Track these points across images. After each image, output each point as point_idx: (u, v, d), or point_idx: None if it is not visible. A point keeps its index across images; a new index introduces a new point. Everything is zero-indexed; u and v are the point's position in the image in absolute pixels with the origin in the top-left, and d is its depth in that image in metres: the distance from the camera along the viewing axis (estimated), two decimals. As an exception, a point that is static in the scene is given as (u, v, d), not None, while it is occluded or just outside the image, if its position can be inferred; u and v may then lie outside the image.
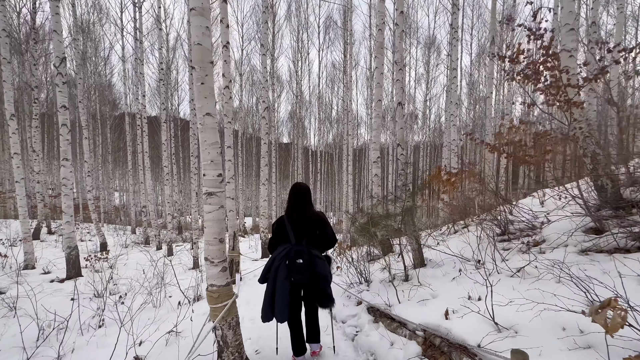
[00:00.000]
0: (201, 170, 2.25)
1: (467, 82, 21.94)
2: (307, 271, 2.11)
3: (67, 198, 6.29)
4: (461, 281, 2.76)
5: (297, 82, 18.50)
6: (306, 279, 2.13)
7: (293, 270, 2.12)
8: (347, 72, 14.58)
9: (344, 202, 14.19)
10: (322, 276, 2.16)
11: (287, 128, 29.59)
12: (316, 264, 2.15)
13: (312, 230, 2.26)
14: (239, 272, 5.46)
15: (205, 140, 2.18)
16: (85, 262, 7.37)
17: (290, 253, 2.15)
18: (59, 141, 6.24)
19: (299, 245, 2.20)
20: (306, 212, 2.29)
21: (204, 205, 2.23)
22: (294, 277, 2.12)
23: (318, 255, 2.20)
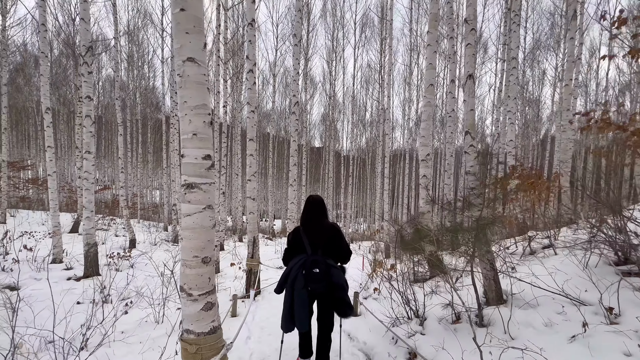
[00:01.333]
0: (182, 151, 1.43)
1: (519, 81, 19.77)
2: (324, 280, 2.09)
3: (88, 192, 5.95)
4: (590, 344, 1.68)
5: (331, 83, 17.75)
6: (323, 288, 2.11)
7: (310, 279, 2.09)
8: (384, 67, 13.52)
9: (378, 208, 13.04)
10: (338, 285, 2.13)
11: (319, 131, 28.97)
12: (332, 273, 2.12)
13: (327, 240, 2.24)
14: (255, 286, 4.66)
15: (186, 102, 1.36)
16: (109, 260, 7.07)
17: (307, 263, 2.12)
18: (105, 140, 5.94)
19: (315, 255, 2.17)
20: (321, 223, 2.30)
21: (181, 204, 1.40)
22: (311, 286, 2.09)
23: (334, 265, 2.19)
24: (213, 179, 1.44)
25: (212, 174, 1.43)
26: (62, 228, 11.74)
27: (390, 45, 9.83)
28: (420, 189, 4.54)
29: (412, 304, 2.92)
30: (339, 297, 2.14)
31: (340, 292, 2.14)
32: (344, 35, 16.94)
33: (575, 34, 5.72)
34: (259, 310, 3.93)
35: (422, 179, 4.53)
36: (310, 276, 2.08)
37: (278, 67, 17.24)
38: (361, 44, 16.85)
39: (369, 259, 5.72)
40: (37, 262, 6.35)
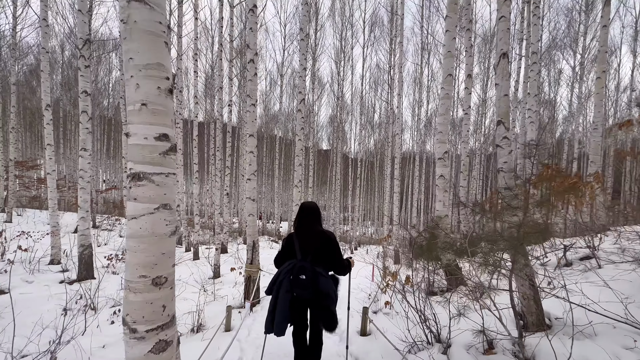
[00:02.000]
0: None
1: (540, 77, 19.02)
2: (310, 287, 2.04)
3: (83, 192, 5.67)
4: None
5: (339, 84, 17.35)
6: (309, 295, 2.06)
7: (296, 285, 2.06)
8: (394, 66, 13.07)
9: (387, 211, 12.53)
10: (324, 293, 2.07)
11: (327, 133, 28.61)
12: (319, 281, 2.07)
13: (318, 247, 2.19)
14: (253, 296, 4.25)
15: (132, 58, 0.96)
16: (108, 262, 6.79)
17: (295, 268, 2.10)
18: (115, 141, 5.67)
19: (303, 261, 2.12)
20: (313, 229, 2.26)
21: (127, 202, 0.99)
22: (296, 291, 2.07)
23: (322, 273, 2.12)
24: (172, 167, 1.04)
25: (170, 161, 1.03)
26: (67, 227, 11.62)
27: (401, 42, 9.38)
28: (437, 191, 4.08)
29: (432, 325, 2.46)
30: (324, 307, 2.09)
31: (327, 301, 2.09)
32: (352, 34, 16.57)
33: (608, 20, 5.18)
34: (256, 323, 3.52)
35: (439, 180, 4.07)
36: (296, 282, 2.05)
37: (285, 67, 16.97)
38: (370, 44, 16.45)
39: (378, 267, 5.25)
40: (32, 263, 6.10)
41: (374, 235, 27.36)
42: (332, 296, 2.11)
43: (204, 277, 6.27)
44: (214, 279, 6.40)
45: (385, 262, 8.83)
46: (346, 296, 2.73)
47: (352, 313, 3.61)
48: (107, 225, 13.04)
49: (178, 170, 10.67)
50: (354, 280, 5.80)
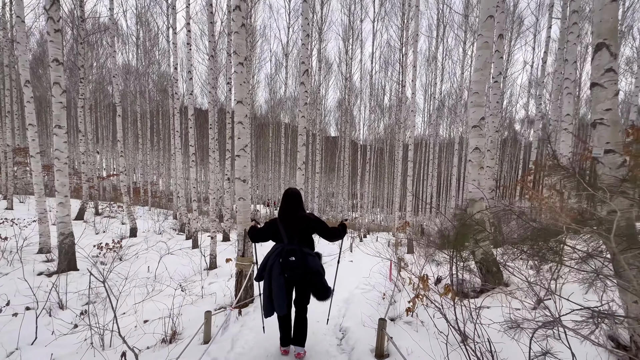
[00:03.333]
0: None
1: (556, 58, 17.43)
2: (300, 267, 2.15)
3: (60, 174, 5.01)
4: None
5: (347, 64, 16.22)
6: (299, 275, 2.16)
7: (286, 267, 2.14)
8: (407, 40, 11.95)
9: (398, 197, 11.67)
10: (314, 271, 2.19)
11: (335, 118, 27.53)
12: (308, 260, 2.19)
13: (303, 230, 2.27)
14: (241, 295, 3.55)
15: None
16: (98, 251, 6.23)
17: (284, 252, 2.17)
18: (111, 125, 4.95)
19: (291, 244, 2.21)
20: (296, 214, 2.31)
21: None
22: (287, 273, 2.15)
23: (309, 253, 2.24)
24: None
25: None
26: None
27: (417, 5, 8.25)
28: (471, 168, 3.22)
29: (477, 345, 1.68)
30: (317, 282, 2.21)
31: (318, 277, 2.21)
32: (362, 7, 15.28)
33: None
34: (245, 330, 2.81)
35: (473, 153, 3.20)
36: (287, 264, 2.14)
37: (291, 46, 15.89)
38: (380, 18, 15.16)
39: (396, 263, 4.46)
40: (13, 253, 5.57)
41: (383, 222, 26.59)
42: (320, 272, 2.23)
43: (198, 269, 5.64)
44: (209, 270, 5.77)
45: (398, 252, 8.07)
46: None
47: (364, 320, 2.86)
48: (109, 213, 12.64)
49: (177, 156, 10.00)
50: (363, 277, 5.07)
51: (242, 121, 3.50)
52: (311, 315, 3.22)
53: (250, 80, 15.72)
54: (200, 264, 5.82)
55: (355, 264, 6.47)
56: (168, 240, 8.71)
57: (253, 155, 24.28)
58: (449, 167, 23.76)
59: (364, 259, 6.94)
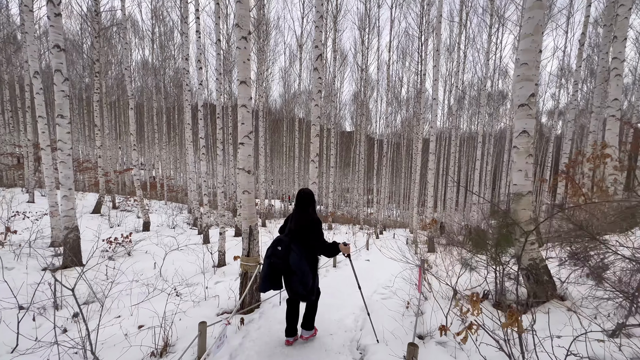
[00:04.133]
0: None
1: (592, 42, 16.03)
2: (281, 259, 2.32)
3: (63, 166, 4.80)
4: None
5: (363, 54, 15.53)
6: (282, 266, 2.32)
7: (273, 254, 2.36)
8: (425, 29, 11.17)
9: (417, 192, 11.00)
10: (293, 267, 2.28)
11: (350, 112, 26.86)
12: (289, 255, 2.31)
13: (300, 227, 2.42)
14: (248, 300, 3.16)
15: None
16: (108, 245, 6.06)
17: (277, 241, 2.42)
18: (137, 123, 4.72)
19: (286, 236, 2.43)
20: (302, 213, 2.48)
21: None
22: (272, 259, 2.35)
23: (294, 250, 2.32)
24: None
25: None
26: (84, 208, 11.32)
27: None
28: (516, 155, 2.66)
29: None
30: (293, 280, 2.31)
31: (295, 276, 2.30)
32: (380, -8, 14.51)
33: None
34: (247, 343, 2.41)
35: (519, 138, 2.65)
36: (274, 251, 2.37)
37: (305, 37, 15.36)
38: (398, 4, 14.35)
39: (427, 268, 3.95)
40: (22, 247, 5.45)
41: (399, 218, 25.81)
42: (298, 272, 2.28)
43: (205, 267, 5.33)
44: (217, 267, 5.45)
45: (418, 252, 7.51)
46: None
47: (386, 337, 2.39)
48: (125, 206, 12.72)
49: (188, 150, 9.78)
50: (383, 280, 4.58)
51: (246, 104, 3.07)
52: (324, 326, 2.78)
53: (264, 73, 15.35)
54: (209, 261, 5.51)
55: (372, 263, 5.99)
56: (179, 235, 8.52)
57: (268, 150, 24.08)
58: (469, 162, 22.64)
59: (381, 258, 6.44)
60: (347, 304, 3.37)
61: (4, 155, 14.10)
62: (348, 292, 3.69)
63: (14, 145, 14.93)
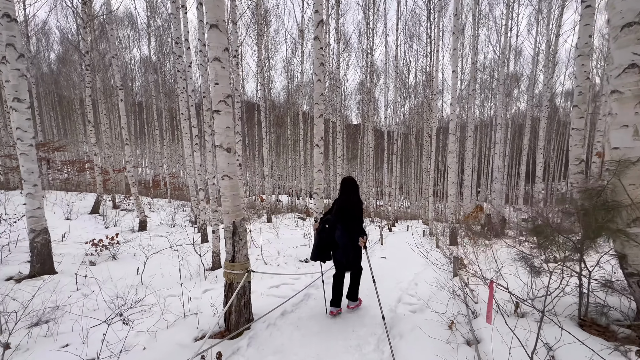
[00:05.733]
0: None
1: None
2: (329, 235, 2.80)
3: (25, 159, 4.07)
4: None
5: (368, 37, 14.48)
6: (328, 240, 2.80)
7: (322, 230, 2.84)
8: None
9: (431, 182, 10.04)
10: (339, 242, 2.75)
11: (356, 102, 25.79)
12: (335, 232, 2.77)
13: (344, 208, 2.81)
14: (236, 318, 2.36)
15: None
16: (93, 248, 5.36)
17: (324, 219, 2.90)
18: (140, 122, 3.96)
19: (333, 217, 2.84)
20: (347, 196, 2.85)
21: None
22: (321, 235, 2.84)
23: (339, 228, 2.76)
24: None
25: None
26: (85, 209, 10.75)
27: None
28: (618, 105, 1.76)
29: None
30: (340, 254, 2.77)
31: (338, 249, 2.77)
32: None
33: None
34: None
35: (622, 77, 1.75)
36: (323, 228, 2.84)
37: (306, 21, 14.37)
38: (406, -20, 13.19)
39: (462, 266, 3.08)
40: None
41: (409, 210, 24.78)
42: (341, 245, 2.74)
43: (197, 270, 4.57)
44: (210, 271, 4.68)
45: (440, 243, 6.61)
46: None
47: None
48: (126, 205, 12.15)
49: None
50: (404, 282, 3.73)
51: (220, 57, 2.23)
52: None
53: (265, 62, 14.49)
54: (203, 263, 4.74)
55: (390, 261, 5.13)
56: (179, 234, 7.81)
57: (273, 144, 23.29)
58: (482, 149, 21.38)
59: (400, 255, 5.58)
60: (365, 319, 2.55)
61: (2, 158, 13.67)
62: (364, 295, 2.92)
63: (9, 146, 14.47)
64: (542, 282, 2.29)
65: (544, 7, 12.07)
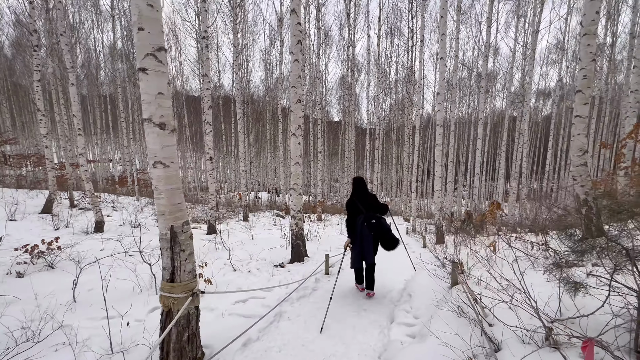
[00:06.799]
0: None
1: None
2: (378, 226, 3.16)
3: None
4: None
5: (349, 28, 13.91)
6: (380, 231, 3.16)
7: (371, 227, 3.12)
8: None
9: (414, 178, 9.67)
10: (386, 228, 3.20)
11: (337, 97, 25.24)
12: (382, 221, 3.21)
13: (372, 202, 3.26)
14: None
15: None
16: (30, 256, 4.41)
17: (367, 218, 3.14)
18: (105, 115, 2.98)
19: (369, 212, 3.18)
20: (366, 193, 3.31)
21: None
22: (373, 231, 3.12)
23: (381, 217, 3.24)
24: None
25: None
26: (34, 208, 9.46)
27: None
28: None
29: None
30: (390, 237, 3.18)
31: (390, 233, 3.19)
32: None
33: None
34: None
35: None
36: (370, 225, 3.12)
37: (284, 8, 13.53)
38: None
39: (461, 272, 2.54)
40: None
41: (390, 207, 24.64)
42: (390, 229, 3.23)
43: (151, 282, 3.78)
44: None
45: (427, 242, 6.19)
46: None
47: None
48: (85, 204, 10.89)
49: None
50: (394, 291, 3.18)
51: (152, 4, 1.51)
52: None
53: (242, 51, 13.56)
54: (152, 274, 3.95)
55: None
56: (144, 235, 6.88)
57: (251, 140, 22.28)
58: (459, 147, 21.55)
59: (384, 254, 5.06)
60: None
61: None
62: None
63: None
64: (571, 298, 1.79)
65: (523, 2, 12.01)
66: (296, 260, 4.64)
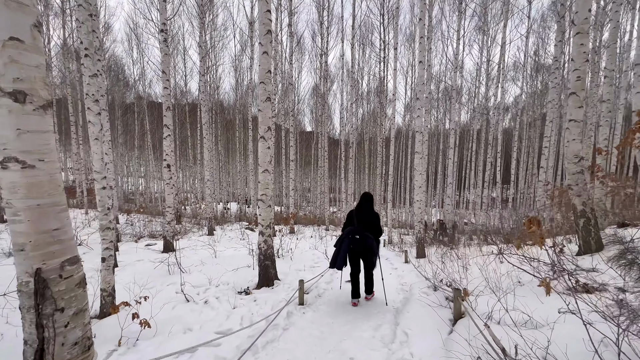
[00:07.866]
0: None
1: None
2: (361, 244, 3.25)
3: None
4: None
5: (322, 37, 13.66)
6: (361, 248, 3.27)
7: (353, 242, 3.27)
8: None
9: (386, 190, 9.35)
10: (369, 248, 3.24)
11: (309, 105, 24.93)
12: (367, 240, 3.23)
13: (368, 220, 3.36)
14: None
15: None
16: None
17: (353, 231, 3.29)
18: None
19: (358, 227, 3.31)
20: (367, 209, 3.43)
21: None
22: (353, 245, 3.28)
23: (368, 236, 3.25)
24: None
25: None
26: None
27: None
28: None
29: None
30: (368, 257, 3.29)
31: (369, 254, 3.27)
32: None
33: None
34: None
35: None
36: (353, 240, 3.26)
37: (256, 12, 12.98)
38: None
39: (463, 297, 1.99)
40: None
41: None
42: (373, 250, 3.26)
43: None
44: (97, 319, 3.00)
45: (409, 257, 5.72)
46: None
47: None
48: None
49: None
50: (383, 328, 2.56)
51: None
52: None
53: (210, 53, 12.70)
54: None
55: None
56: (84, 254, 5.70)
57: (220, 148, 21.11)
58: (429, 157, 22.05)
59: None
60: None
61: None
62: None
63: None
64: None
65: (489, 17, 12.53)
66: (264, 284, 3.91)
